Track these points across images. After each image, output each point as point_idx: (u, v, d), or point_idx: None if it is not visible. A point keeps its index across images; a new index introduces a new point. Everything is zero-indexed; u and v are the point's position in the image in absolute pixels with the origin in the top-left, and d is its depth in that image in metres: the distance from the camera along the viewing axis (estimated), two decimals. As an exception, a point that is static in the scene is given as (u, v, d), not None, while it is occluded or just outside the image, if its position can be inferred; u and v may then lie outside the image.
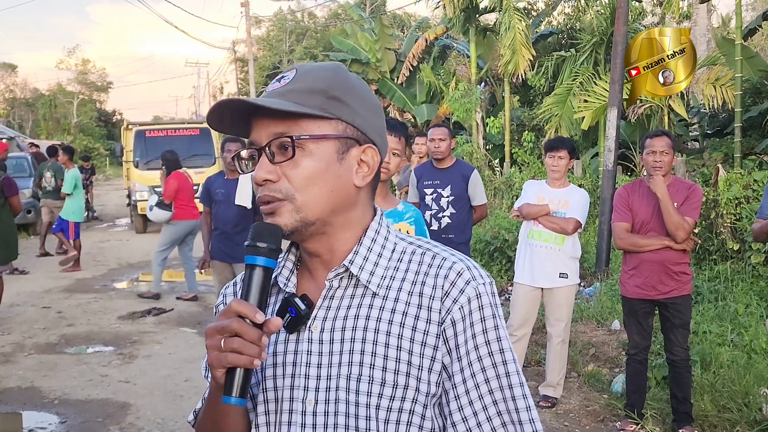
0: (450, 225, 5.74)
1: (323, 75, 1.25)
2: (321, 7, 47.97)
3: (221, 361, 1.12)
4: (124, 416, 5.36)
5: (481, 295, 1.22)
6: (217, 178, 6.61)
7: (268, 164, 1.21)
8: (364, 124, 1.27)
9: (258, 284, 1.17)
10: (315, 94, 1.22)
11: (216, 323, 1.14)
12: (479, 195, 5.83)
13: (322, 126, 1.22)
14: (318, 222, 1.23)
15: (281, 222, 1.21)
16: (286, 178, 1.21)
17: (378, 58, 20.50)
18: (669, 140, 4.66)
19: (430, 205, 5.80)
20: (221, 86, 61.92)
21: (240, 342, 1.11)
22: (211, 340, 1.14)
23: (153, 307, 8.94)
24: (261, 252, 1.18)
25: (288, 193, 1.21)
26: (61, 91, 59.47)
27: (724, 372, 5.40)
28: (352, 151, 1.25)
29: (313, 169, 1.21)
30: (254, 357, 1.11)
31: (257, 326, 1.12)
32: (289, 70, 1.29)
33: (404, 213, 3.38)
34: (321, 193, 1.22)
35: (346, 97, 1.25)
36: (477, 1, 17.56)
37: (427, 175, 5.92)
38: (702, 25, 21.60)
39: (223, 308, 1.39)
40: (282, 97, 1.22)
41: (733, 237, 8.22)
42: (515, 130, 18.84)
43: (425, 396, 1.20)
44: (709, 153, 12.61)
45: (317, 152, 1.21)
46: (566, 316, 5.38)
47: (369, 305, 1.24)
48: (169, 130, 18.26)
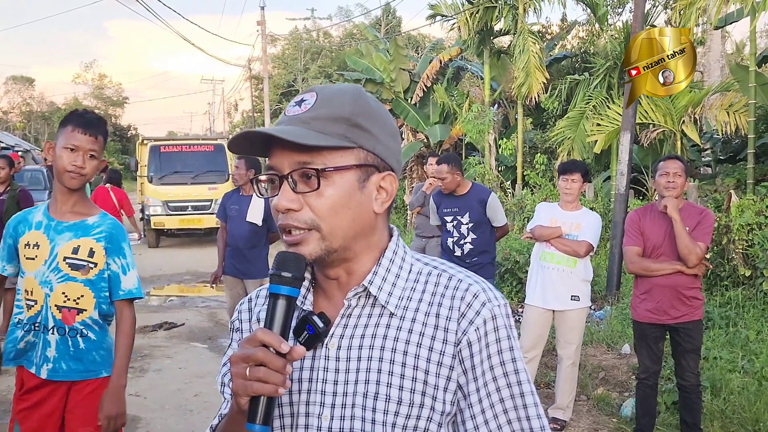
0: (472, 250, 5.77)
1: (346, 101, 1.25)
2: (336, 26, 48.26)
3: (246, 389, 1.13)
4: (134, 430, 5.37)
5: (497, 317, 1.25)
6: (233, 194, 6.65)
7: (290, 193, 1.22)
8: (384, 150, 1.28)
9: (282, 313, 1.19)
10: (338, 122, 1.23)
11: (241, 351, 1.15)
12: (499, 217, 5.86)
13: (345, 156, 1.23)
14: (340, 249, 1.25)
15: (306, 251, 1.23)
16: (309, 208, 1.22)
17: (392, 78, 20.57)
18: (682, 164, 4.68)
19: (452, 232, 5.83)
20: (236, 103, 62.28)
21: (265, 371, 1.12)
22: (236, 367, 1.15)
23: (164, 322, 8.99)
24: (285, 281, 1.20)
25: (312, 222, 1.22)
26: (78, 105, 59.86)
27: (735, 398, 5.38)
28: (372, 178, 1.27)
29: (336, 198, 1.22)
30: (279, 385, 1.13)
31: (281, 355, 1.14)
32: (309, 92, 1.29)
33: (94, 227, 3.02)
34: (344, 222, 1.24)
35: (368, 124, 1.26)
36: (492, 24, 17.62)
37: (446, 202, 5.94)
38: (716, 51, 21.62)
39: (239, 325, 1.42)
40: (305, 125, 1.22)
41: (745, 263, 8.20)
42: (528, 152, 18.84)
43: (440, 415, 1.23)
44: (722, 179, 12.58)
45: (340, 182, 1.23)
46: (577, 339, 5.38)
47: (386, 325, 1.26)
48: (183, 145, 18.38)
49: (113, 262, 3.01)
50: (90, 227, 2.98)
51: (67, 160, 2.85)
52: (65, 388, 2.98)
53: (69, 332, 2.94)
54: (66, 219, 2.96)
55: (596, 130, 14.15)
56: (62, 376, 2.95)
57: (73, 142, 2.85)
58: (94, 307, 2.98)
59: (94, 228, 2.98)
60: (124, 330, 3.02)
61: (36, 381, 2.95)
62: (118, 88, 65.54)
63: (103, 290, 3.01)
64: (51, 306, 2.92)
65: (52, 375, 2.94)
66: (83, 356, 2.97)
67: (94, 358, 3.00)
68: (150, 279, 12.86)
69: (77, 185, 2.90)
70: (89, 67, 69.39)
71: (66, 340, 2.94)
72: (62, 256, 2.92)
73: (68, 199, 2.96)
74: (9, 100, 61.02)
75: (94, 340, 3.00)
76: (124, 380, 3.01)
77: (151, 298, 11.37)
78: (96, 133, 2.89)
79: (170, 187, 17.37)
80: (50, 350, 2.93)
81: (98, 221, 3.01)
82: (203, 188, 17.30)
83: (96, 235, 2.98)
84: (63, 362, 2.94)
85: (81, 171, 2.87)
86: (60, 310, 2.93)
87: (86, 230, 2.97)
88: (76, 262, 2.93)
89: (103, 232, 2.99)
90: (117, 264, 3.02)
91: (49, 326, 2.93)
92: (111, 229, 3.02)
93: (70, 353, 2.95)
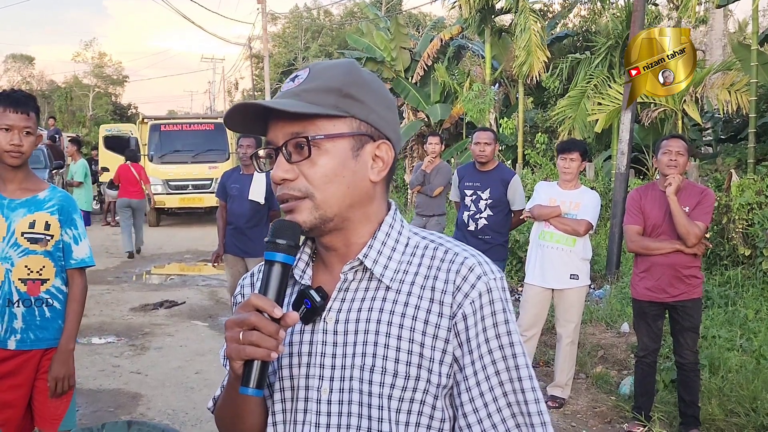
0: (486, 227, 5.82)
1: (337, 73, 1.27)
2: (337, 5, 47.96)
3: (239, 353, 1.16)
4: (135, 406, 5.42)
5: (492, 290, 1.25)
6: (233, 173, 6.65)
7: (285, 163, 1.24)
8: (378, 120, 1.29)
9: (276, 280, 1.21)
10: (329, 93, 1.25)
11: (235, 316, 1.17)
12: (519, 200, 5.88)
13: (336, 124, 1.25)
14: (336, 218, 1.26)
15: (300, 219, 1.25)
16: (303, 177, 1.24)
17: (393, 57, 20.48)
18: (684, 143, 4.68)
19: (469, 206, 5.86)
20: (236, 82, 62.01)
21: (258, 335, 1.14)
22: (230, 332, 1.17)
23: (165, 300, 9.02)
24: (280, 248, 1.22)
25: (306, 191, 1.24)
26: (77, 83, 59.69)
27: (733, 377, 5.41)
28: (367, 147, 1.28)
29: (329, 166, 1.24)
30: (271, 350, 1.14)
31: (275, 320, 1.16)
32: (303, 69, 1.31)
33: (45, 201, 3.12)
34: (338, 190, 1.25)
35: (360, 94, 1.27)
36: (493, 2, 17.53)
37: (469, 176, 5.99)
38: (718, 30, 21.52)
39: (241, 300, 1.44)
40: (297, 97, 1.24)
41: (745, 242, 8.22)
42: (528, 131, 18.82)
43: (436, 387, 1.23)
44: (723, 158, 12.58)
45: (333, 150, 1.24)
46: (576, 317, 5.40)
47: (382, 298, 1.27)
48: (184, 124, 18.37)
49: (65, 233, 3.14)
50: (42, 201, 3.10)
51: (4, 140, 2.93)
52: (38, 358, 3.09)
53: (35, 302, 3.07)
54: (17, 196, 3.06)
55: (597, 110, 14.12)
56: (30, 345, 3.06)
57: (6, 122, 2.93)
58: (55, 275, 3.12)
59: (46, 202, 3.10)
60: (74, 297, 3.16)
61: (5, 353, 3.04)
62: (118, 66, 65.11)
63: (61, 259, 3.14)
64: (14, 280, 3.03)
65: (20, 345, 3.04)
66: (49, 325, 3.10)
67: (60, 326, 3.12)
68: (151, 258, 12.90)
69: (18, 163, 3.00)
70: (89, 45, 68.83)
71: (33, 310, 3.06)
72: (20, 232, 3.03)
73: (14, 177, 3.06)
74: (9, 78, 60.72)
75: (59, 309, 3.13)
76: (73, 344, 3.14)
77: (152, 276, 11.41)
78: (27, 110, 2.98)
79: (171, 166, 17.37)
80: (17, 322, 3.04)
81: (49, 195, 3.13)
82: (203, 167, 17.30)
83: (49, 209, 3.10)
84: (30, 332, 3.06)
85: (20, 149, 2.96)
86: (25, 282, 3.05)
87: (39, 205, 3.09)
88: (34, 236, 3.06)
89: (56, 205, 3.12)
90: (69, 234, 3.15)
91: (14, 300, 3.03)
92: (62, 201, 3.15)
93: (36, 323, 3.07)
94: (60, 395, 3.08)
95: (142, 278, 11.14)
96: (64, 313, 3.14)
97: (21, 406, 3.08)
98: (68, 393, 3.13)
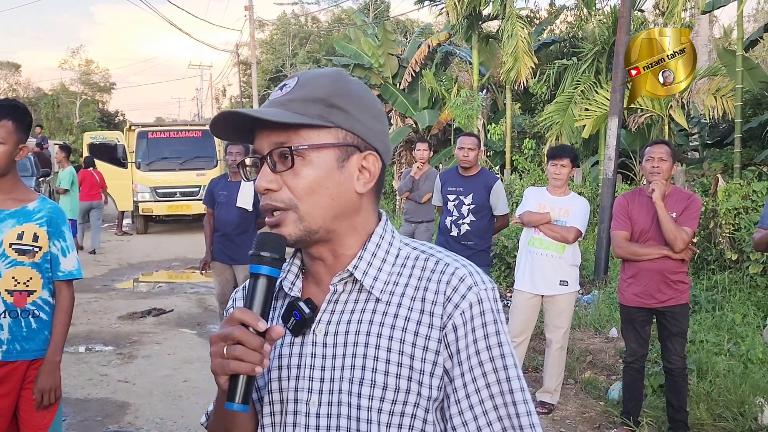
0: (469, 232, 5.81)
1: (323, 83, 1.26)
2: (324, 11, 47.98)
3: (224, 368, 1.14)
4: (122, 415, 5.39)
5: (483, 301, 1.23)
6: (220, 180, 6.63)
7: (269, 173, 1.23)
8: (364, 130, 1.28)
9: (261, 293, 1.19)
10: (315, 103, 1.23)
11: (220, 331, 1.16)
12: (501, 205, 5.89)
13: (321, 135, 1.23)
14: (321, 230, 1.25)
15: (285, 232, 1.23)
16: (287, 188, 1.23)
17: (381, 63, 20.49)
18: (668, 148, 4.70)
19: (452, 211, 5.86)
20: (224, 89, 61.86)
21: (242, 350, 1.12)
22: (215, 347, 1.16)
23: (153, 308, 8.98)
24: (265, 261, 1.20)
25: (290, 202, 1.22)
26: (64, 91, 59.32)
27: (720, 381, 5.43)
28: (353, 158, 1.26)
29: (313, 177, 1.22)
30: (256, 364, 1.13)
31: (260, 334, 1.14)
32: (291, 77, 1.29)
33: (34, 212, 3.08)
34: (322, 202, 1.23)
35: (347, 104, 1.25)
36: (480, 9, 17.58)
37: (451, 181, 5.99)
38: (704, 36, 21.68)
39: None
40: (283, 106, 1.23)
41: (732, 247, 8.26)
42: (516, 137, 18.86)
43: (426, 400, 1.22)
44: (709, 163, 12.63)
45: (317, 161, 1.23)
46: (566, 323, 5.41)
47: (372, 310, 1.26)
48: (171, 131, 18.31)
49: (53, 245, 3.10)
50: (31, 213, 3.05)
51: None
52: (23, 368, 3.06)
53: (21, 314, 3.03)
54: (6, 206, 3.02)
55: (584, 115, 14.18)
56: (16, 356, 3.03)
57: None
58: (42, 287, 3.08)
59: (35, 213, 3.05)
60: (62, 308, 3.11)
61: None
62: (105, 73, 64.74)
63: (48, 271, 3.11)
64: (1, 291, 2.99)
65: (6, 356, 3.01)
66: (35, 336, 3.07)
67: (47, 337, 3.08)
68: (138, 265, 12.84)
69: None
70: (76, 52, 68.31)
71: (19, 321, 3.03)
72: (8, 243, 2.99)
73: (1, 187, 3.00)
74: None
75: (46, 320, 3.10)
76: (59, 356, 3.09)
77: (140, 284, 11.36)
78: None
79: (158, 174, 17.31)
80: (3, 333, 3.00)
81: (38, 206, 3.08)
82: (191, 174, 17.25)
83: (38, 220, 3.05)
84: (17, 343, 3.03)
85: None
86: (11, 294, 3.01)
87: (28, 216, 3.04)
88: (22, 248, 3.02)
89: (44, 217, 3.07)
90: (57, 246, 3.10)
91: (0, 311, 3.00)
92: (51, 213, 3.10)
93: (23, 334, 3.04)
94: (46, 407, 3.05)
95: (130, 286, 11.09)
96: (51, 325, 3.10)
97: (6, 416, 3.04)
98: (54, 404, 3.10)
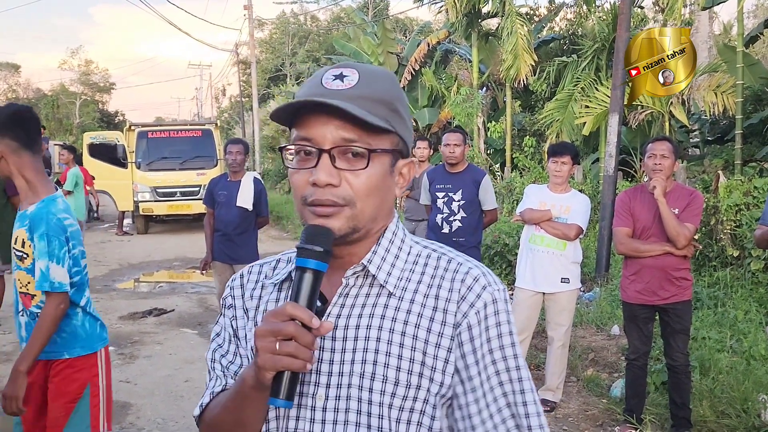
0: (460, 228, 5.80)
1: (387, 85, 1.26)
2: (324, 10, 47.96)
3: (275, 364, 1.12)
4: (124, 416, 5.37)
5: (497, 301, 1.25)
6: (220, 180, 6.62)
7: (331, 167, 1.21)
8: (409, 138, 1.30)
9: (308, 287, 1.17)
10: (382, 105, 1.23)
11: (269, 325, 1.12)
12: (490, 200, 5.89)
13: (384, 139, 1.24)
14: (363, 229, 1.25)
15: (335, 226, 1.21)
16: (348, 185, 1.21)
17: (380, 61, 20.51)
18: (670, 145, 4.68)
19: (442, 208, 5.86)
20: (224, 88, 61.98)
21: (296, 346, 1.11)
22: (264, 341, 1.12)
23: (154, 308, 8.97)
24: (313, 255, 1.17)
25: (350, 199, 1.21)
26: (64, 91, 59.41)
27: (723, 378, 5.41)
28: (399, 164, 1.29)
29: (374, 179, 1.23)
30: (307, 361, 1.12)
31: (308, 329, 1.12)
32: (346, 68, 1.26)
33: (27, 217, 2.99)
34: (374, 203, 1.24)
35: (403, 110, 1.28)
36: (479, 6, 17.58)
37: (440, 178, 5.98)
38: (704, 32, 21.65)
39: (231, 302, 1.40)
40: (352, 101, 1.19)
41: (733, 244, 8.24)
42: (516, 135, 18.85)
43: (435, 396, 1.22)
44: (710, 159, 12.63)
45: (378, 164, 1.23)
46: (567, 321, 5.40)
47: (384, 305, 1.26)
48: (171, 131, 18.29)
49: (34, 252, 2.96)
50: (24, 217, 2.98)
51: None
52: (41, 366, 3.04)
53: (30, 315, 3.05)
54: (23, 207, 3.02)
55: (584, 112, 14.18)
56: None
57: None
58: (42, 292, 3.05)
59: (26, 218, 2.97)
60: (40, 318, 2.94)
61: None
62: (104, 74, 64.81)
63: None
64: (19, 291, 3.05)
65: None
66: None
67: (54, 339, 3.01)
68: (139, 265, 12.83)
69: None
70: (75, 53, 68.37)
71: (30, 322, 3.04)
72: (15, 246, 3.02)
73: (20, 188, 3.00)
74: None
75: None
76: (24, 366, 2.89)
77: (141, 284, 11.35)
78: None
79: (158, 173, 17.29)
80: (22, 330, 3.06)
81: (33, 210, 2.97)
82: (191, 174, 17.23)
83: (25, 225, 2.97)
84: None
85: None
86: (23, 296, 3.05)
87: (22, 220, 2.99)
88: (17, 253, 3.01)
89: (28, 221, 2.96)
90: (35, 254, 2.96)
91: (19, 309, 3.06)
92: (31, 217, 2.96)
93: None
94: (11, 414, 2.95)
95: (131, 286, 11.08)
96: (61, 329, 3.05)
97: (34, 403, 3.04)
98: (66, 403, 3.05)
